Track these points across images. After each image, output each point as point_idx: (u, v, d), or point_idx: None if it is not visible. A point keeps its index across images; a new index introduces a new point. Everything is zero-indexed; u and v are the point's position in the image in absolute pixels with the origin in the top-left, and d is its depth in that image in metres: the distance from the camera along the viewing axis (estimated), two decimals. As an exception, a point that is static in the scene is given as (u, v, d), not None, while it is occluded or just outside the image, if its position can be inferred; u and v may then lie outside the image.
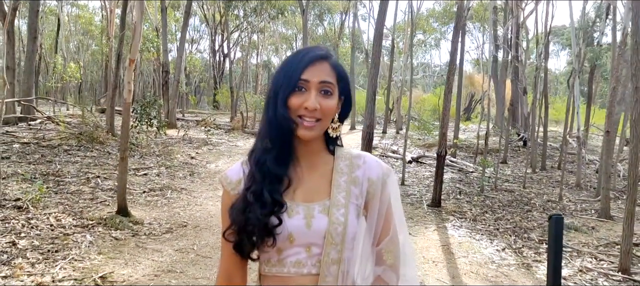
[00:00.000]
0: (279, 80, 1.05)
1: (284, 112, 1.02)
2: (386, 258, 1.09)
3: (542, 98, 10.74)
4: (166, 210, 5.46)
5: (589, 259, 4.62)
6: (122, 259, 3.80)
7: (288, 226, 1.03)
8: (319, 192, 1.08)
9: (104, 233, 4.40)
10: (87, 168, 7.20)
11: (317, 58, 1.05)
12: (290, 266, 1.05)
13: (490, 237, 5.18)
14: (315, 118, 1.03)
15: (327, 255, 1.03)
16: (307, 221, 1.04)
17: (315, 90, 1.03)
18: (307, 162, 1.09)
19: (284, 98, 1.02)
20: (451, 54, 6.22)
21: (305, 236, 1.04)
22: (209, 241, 4.44)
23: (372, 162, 1.12)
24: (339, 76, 1.08)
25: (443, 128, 6.23)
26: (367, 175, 1.10)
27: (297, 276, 1.04)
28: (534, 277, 4.04)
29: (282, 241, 1.03)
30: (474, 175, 9.56)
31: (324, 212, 1.05)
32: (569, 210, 6.85)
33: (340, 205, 1.06)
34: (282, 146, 1.05)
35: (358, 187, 1.09)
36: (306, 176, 1.09)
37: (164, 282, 3.43)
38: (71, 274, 3.44)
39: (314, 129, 1.03)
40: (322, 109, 1.03)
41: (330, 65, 1.06)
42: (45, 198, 5.30)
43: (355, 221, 1.06)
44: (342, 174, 1.09)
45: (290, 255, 1.04)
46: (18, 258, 3.69)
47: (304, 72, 1.03)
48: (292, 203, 1.05)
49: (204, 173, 8.01)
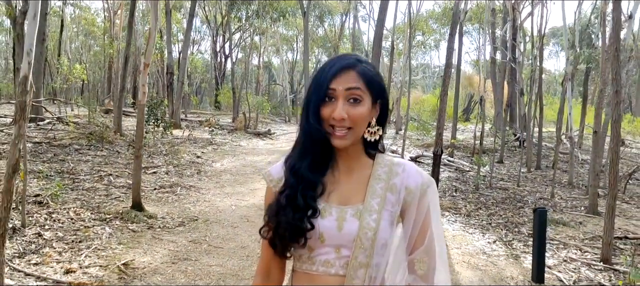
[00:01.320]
0: (311, 91, 1.09)
1: (315, 123, 1.06)
2: (417, 267, 1.10)
3: (537, 99, 11.05)
4: (177, 206, 5.79)
5: (575, 251, 4.94)
6: (141, 248, 4.13)
7: (320, 226, 1.07)
8: (354, 196, 1.10)
9: (121, 226, 4.72)
10: (99, 167, 7.52)
11: (344, 67, 1.07)
12: (319, 264, 1.08)
13: (482, 231, 5.51)
14: (346, 127, 1.05)
15: (355, 258, 1.06)
16: (339, 223, 1.07)
17: (343, 99, 1.06)
18: (345, 165, 1.13)
19: (315, 109, 1.06)
20: (447, 57, 6.55)
21: (335, 237, 1.07)
22: (220, 233, 4.76)
23: (412, 171, 1.13)
24: (369, 82, 1.09)
25: (439, 129, 6.55)
26: (405, 184, 1.11)
27: (325, 276, 1.08)
28: (521, 266, 4.36)
29: (313, 240, 1.07)
30: (470, 174, 9.87)
31: (356, 216, 1.07)
32: (560, 207, 7.17)
33: (373, 210, 1.07)
34: (317, 153, 1.09)
35: (395, 194, 1.10)
36: (343, 179, 1.12)
37: (180, 269, 3.75)
38: (96, 261, 3.76)
39: (346, 138, 1.06)
40: (351, 117, 1.05)
41: (356, 73, 1.08)
42: (63, 195, 5.62)
43: (388, 229, 1.08)
44: (380, 181, 1.11)
45: (320, 254, 1.08)
46: (45, 247, 4.01)
47: (331, 82, 1.06)
48: (326, 205, 1.09)
49: (210, 171, 8.33)
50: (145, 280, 3.50)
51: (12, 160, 2.51)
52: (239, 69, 29.60)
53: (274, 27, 25.98)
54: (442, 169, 10.26)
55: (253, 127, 16.64)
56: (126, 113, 14.37)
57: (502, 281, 3.95)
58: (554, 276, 4.12)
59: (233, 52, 28.31)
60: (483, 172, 9.45)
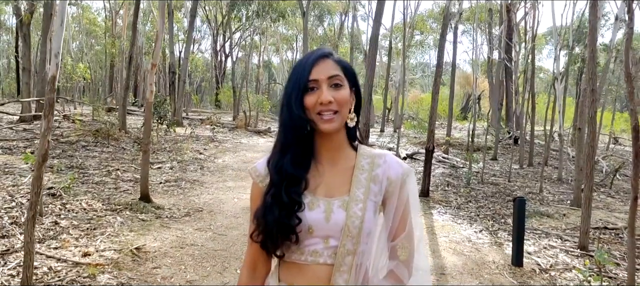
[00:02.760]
0: (290, 86, 1.12)
1: (300, 113, 1.09)
2: (400, 253, 1.14)
3: (530, 97, 11.38)
4: (182, 198, 6.12)
5: (555, 239, 5.27)
6: (151, 235, 4.46)
7: (308, 218, 1.10)
8: (339, 187, 1.14)
9: (131, 216, 5.05)
10: (107, 162, 7.85)
11: (320, 56, 1.12)
12: (307, 254, 1.12)
13: (470, 222, 5.84)
14: (333, 111, 1.09)
15: (343, 246, 1.09)
16: (327, 215, 1.11)
17: (326, 85, 1.10)
18: (329, 158, 1.16)
19: (299, 100, 1.10)
20: (438, 58, 6.88)
21: (323, 228, 1.10)
22: (223, 222, 5.09)
23: (393, 162, 1.17)
24: (345, 69, 1.14)
25: (431, 126, 6.88)
26: (387, 174, 1.15)
27: (314, 265, 1.11)
28: (503, 252, 4.70)
29: (302, 232, 1.10)
30: (464, 170, 10.20)
31: (343, 206, 1.11)
32: (547, 201, 7.50)
33: (358, 200, 1.11)
34: (299, 147, 1.12)
35: (378, 184, 1.14)
36: (328, 172, 1.15)
37: (188, 253, 4.08)
38: (110, 246, 4.10)
39: (334, 121, 1.10)
40: (337, 100, 1.10)
41: (333, 61, 1.13)
42: (75, 188, 5.95)
43: (372, 218, 1.12)
44: (363, 171, 1.15)
45: (309, 245, 1.11)
46: (63, 234, 4.34)
47: (311, 73, 1.10)
48: (313, 198, 1.12)
49: (212, 167, 8.66)
50: (156, 262, 3.83)
51: (42, 150, 2.84)
52: (239, 68, 29.90)
53: (274, 26, 26.28)
54: (437, 165, 10.61)
55: (253, 125, 16.98)
56: (129, 112, 14.69)
57: (484, 265, 4.28)
58: (533, 261, 4.45)
59: (233, 51, 28.61)
60: (476, 168, 9.78)
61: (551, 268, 4.30)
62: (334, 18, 31.73)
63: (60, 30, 2.82)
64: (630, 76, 3.25)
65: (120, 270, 3.61)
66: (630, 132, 3.31)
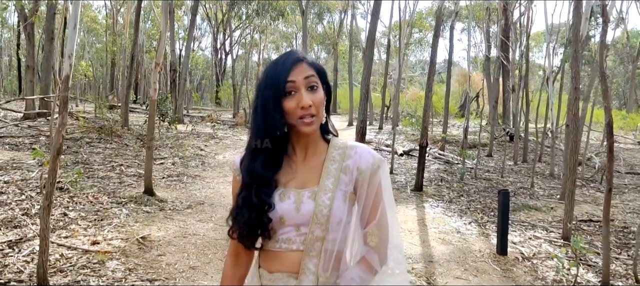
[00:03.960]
0: (266, 90, 1.15)
1: (277, 118, 1.14)
2: (370, 240, 1.18)
3: (524, 95, 11.61)
4: (184, 192, 6.37)
5: (541, 231, 5.52)
6: (155, 226, 4.71)
7: (279, 209, 1.16)
8: (310, 180, 1.19)
9: (136, 208, 5.30)
10: (110, 158, 8.09)
11: (296, 61, 1.16)
12: (281, 242, 1.18)
13: (460, 214, 6.09)
14: (311, 115, 1.14)
15: (311, 232, 1.15)
16: (297, 205, 1.16)
17: (304, 88, 1.14)
18: (302, 154, 1.22)
19: (278, 105, 1.14)
20: (431, 57, 7.11)
21: (294, 218, 1.16)
22: (223, 214, 5.33)
23: (364, 152, 1.21)
24: (318, 71, 1.19)
25: (425, 123, 7.12)
26: (357, 164, 1.18)
27: (287, 252, 1.18)
28: (490, 242, 4.94)
29: (275, 222, 1.17)
30: (458, 166, 10.44)
31: (312, 197, 1.16)
32: (537, 195, 7.75)
33: (327, 189, 1.16)
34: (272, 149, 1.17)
35: (348, 175, 1.18)
36: (300, 167, 1.21)
37: (191, 241, 4.33)
38: (117, 235, 4.34)
39: (314, 124, 1.15)
40: (315, 103, 1.14)
41: (307, 64, 1.17)
42: (81, 182, 6.19)
43: (343, 206, 1.17)
44: (334, 162, 1.20)
45: (283, 233, 1.18)
46: (72, 225, 4.59)
47: (289, 75, 1.13)
48: (285, 190, 1.18)
49: (213, 163, 8.91)
50: (161, 250, 4.08)
51: (57, 144, 3.08)
52: (239, 66, 30.11)
53: (274, 24, 26.50)
54: (433, 162, 10.85)
55: (253, 122, 17.21)
56: (130, 109, 14.93)
57: (470, 254, 4.53)
58: (517, 250, 4.69)
59: (233, 48, 28.83)
60: (470, 164, 10.02)
61: (534, 256, 4.55)
62: (334, 16, 31.95)
63: (74, 33, 3.06)
64: (604, 75, 3.49)
65: (127, 257, 3.85)
66: (605, 128, 3.54)
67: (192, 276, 3.61)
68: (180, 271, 3.68)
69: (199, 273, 3.69)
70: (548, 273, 4.12)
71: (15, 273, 3.43)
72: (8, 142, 8.87)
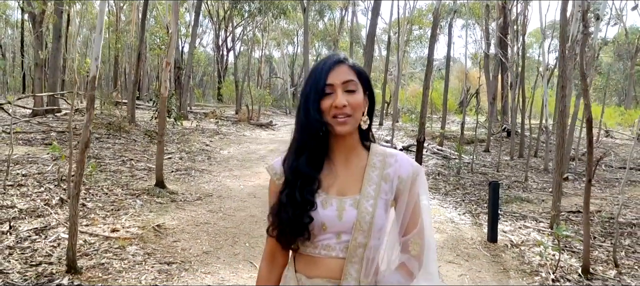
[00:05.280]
0: (307, 90, 1.18)
1: (316, 116, 1.15)
2: (412, 248, 1.20)
3: (520, 91, 11.92)
4: (193, 185, 6.70)
5: (531, 221, 5.84)
6: (169, 215, 5.04)
7: (322, 216, 1.17)
8: (351, 186, 1.20)
9: (149, 199, 5.63)
10: (120, 153, 8.42)
11: (336, 62, 1.19)
12: (321, 248, 1.18)
13: (455, 206, 6.41)
14: (346, 115, 1.15)
15: (354, 239, 1.16)
16: (339, 213, 1.17)
17: (341, 90, 1.16)
18: (343, 158, 1.22)
19: (316, 103, 1.16)
20: (428, 56, 7.42)
21: (336, 226, 1.17)
22: (232, 205, 5.67)
23: (404, 161, 1.23)
24: (359, 74, 1.21)
25: (422, 119, 7.43)
26: (398, 173, 1.20)
27: (326, 258, 1.18)
28: (481, 231, 5.27)
29: (316, 229, 1.17)
30: (456, 161, 10.76)
31: (354, 205, 1.17)
32: (530, 188, 8.07)
33: (370, 196, 1.17)
34: (314, 148, 1.18)
35: (388, 183, 1.20)
36: (341, 171, 1.21)
37: (203, 229, 4.66)
38: (134, 223, 4.67)
39: (348, 124, 1.16)
40: (351, 104, 1.16)
41: (348, 67, 1.19)
42: (95, 175, 6.52)
43: (383, 214, 1.18)
44: (375, 169, 1.21)
45: (323, 240, 1.18)
46: (91, 214, 4.92)
47: (327, 78, 1.16)
48: (327, 197, 1.19)
49: (219, 157, 9.24)
50: (175, 236, 4.41)
51: (85, 138, 3.40)
52: (241, 62, 30.39)
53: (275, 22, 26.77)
54: (431, 157, 11.18)
55: (255, 118, 17.54)
56: (139, 107, 15.25)
57: (462, 241, 4.85)
58: (506, 238, 5.02)
59: (235, 45, 29.10)
60: (467, 158, 10.34)
61: (522, 244, 4.87)
62: (335, 13, 32.19)
63: (99, 38, 3.37)
64: (584, 74, 3.79)
65: (145, 243, 4.19)
66: (585, 124, 3.85)
67: (206, 259, 3.95)
68: (195, 255, 4.01)
69: (212, 257, 4.02)
70: (534, 258, 4.45)
71: (45, 256, 3.76)
72: (21, 137, 9.19)
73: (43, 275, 3.39)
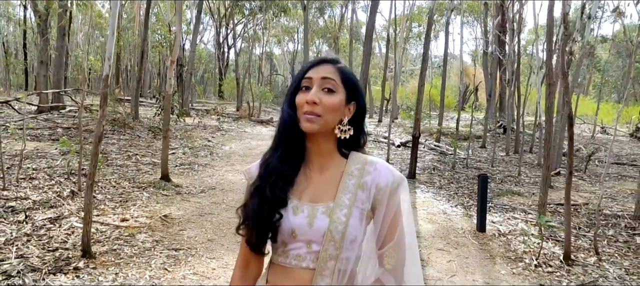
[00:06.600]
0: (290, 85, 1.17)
1: (288, 110, 1.13)
2: (386, 262, 1.13)
3: (515, 89, 12.17)
4: (197, 178, 6.97)
5: (520, 213, 6.10)
6: (175, 206, 5.31)
7: (292, 222, 1.11)
8: (325, 194, 1.14)
9: (155, 192, 5.90)
10: (125, 148, 8.70)
11: (322, 61, 1.15)
12: (292, 258, 1.13)
13: (448, 199, 6.68)
14: (316, 114, 1.09)
15: (325, 250, 1.09)
16: (310, 220, 1.11)
17: (317, 87, 1.10)
18: (318, 164, 1.16)
19: (290, 97, 1.14)
20: (423, 54, 7.66)
21: (306, 233, 1.11)
22: (234, 198, 5.94)
23: (383, 170, 1.15)
24: (344, 78, 1.14)
25: (417, 115, 7.69)
26: (376, 182, 1.13)
27: (297, 269, 1.12)
28: (472, 222, 5.53)
29: (286, 236, 1.12)
30: (451, 156, 11.02)
31: (326, 213, 1.10)
32: (522, 182, 8.33)
33: (344, 206, 1.11)
34: (290, 146, 1.14)
35: (366, 191, 1.12)
36: (315, 178, 1.16)
37: (207, 220, 4.94)
38: (142, 214, 4.95)
39: (314, 123, 1.09)
40: (323, 104, 1.09)
41: (334, 67, 1.13)
42: (102, 169, 6.79)
43: (358, 225, 1.11)
44: (352, 177, 1.14)
45: (293, 249, 1.13)
46: (101, 205, 5.20)
47: (308, 72, 1.13)
48: (299, 203, 1.13)
49: (221, 153, 9.51)
50: (182, 225, 4.69)
51: (98, 132, 3.67)
52: (242, 59, 30.62)
53: (276, 19, 26.98)
54: (428, 152, 11.44)
55: (256, 115, 17.80)
56: (142, 104, 15.49)
57: (452, 231, 5.12)
58: (495, 228, 5.29)
59: (236, 42, 29.33)
60: (463, 154, 10.60)
61: (509, 233, 5.14)
62: (335, 10, 32.38)
63: (111, 39, 3.63)
64: (565, 74, 4.05)
65: (153, 231, 4.46)
66: (566, 120, 4.11)
67: (211, 246, 4.22)
68: (200, 242, 4.29)
69: (217, 244, 4.29)
70: (519, 246, 4.71)
71: (61, 243, 4.03)
72: (28, 133, 9.46)
73: (60, 259, 3.66)
